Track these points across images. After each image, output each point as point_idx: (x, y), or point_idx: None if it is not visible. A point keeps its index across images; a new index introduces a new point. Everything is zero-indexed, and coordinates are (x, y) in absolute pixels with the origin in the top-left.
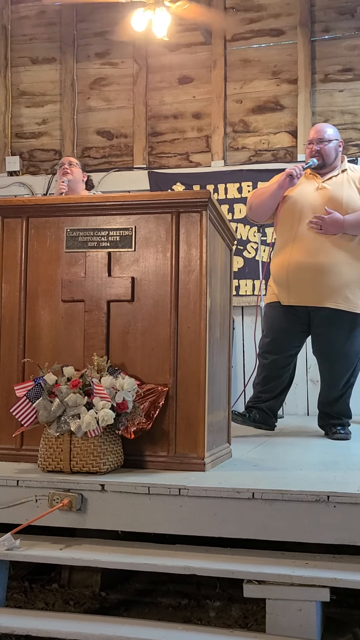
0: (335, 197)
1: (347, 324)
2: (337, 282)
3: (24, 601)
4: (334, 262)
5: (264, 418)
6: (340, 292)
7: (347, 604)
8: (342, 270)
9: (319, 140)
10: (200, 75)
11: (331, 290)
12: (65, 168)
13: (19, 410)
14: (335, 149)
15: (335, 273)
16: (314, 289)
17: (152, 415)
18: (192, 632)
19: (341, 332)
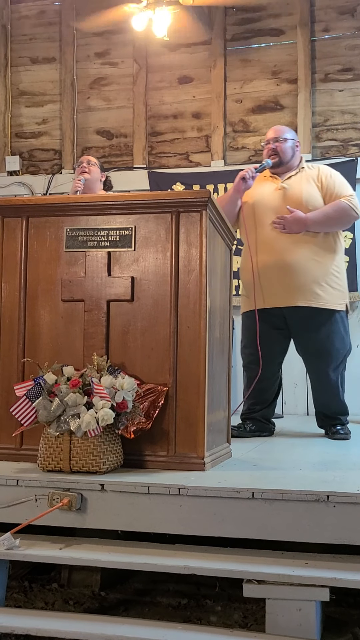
0: (295, 196)
1: (322, 321)
2: (305, 280)
3: (24, 601)
4: (300, 259)
5: (260, 427)
6: (310, 289)
7: (347, 604)
8: (309, 266)
9: (275, 139)
10: (200, 75)
11: (300, 288)
12: (83, 167)
13: (18, 409)
14: (292, 148)
15: (302, 270)
16: (283, 289)
17: (151, 415)
18: (191, 631)
19: (319, 330)
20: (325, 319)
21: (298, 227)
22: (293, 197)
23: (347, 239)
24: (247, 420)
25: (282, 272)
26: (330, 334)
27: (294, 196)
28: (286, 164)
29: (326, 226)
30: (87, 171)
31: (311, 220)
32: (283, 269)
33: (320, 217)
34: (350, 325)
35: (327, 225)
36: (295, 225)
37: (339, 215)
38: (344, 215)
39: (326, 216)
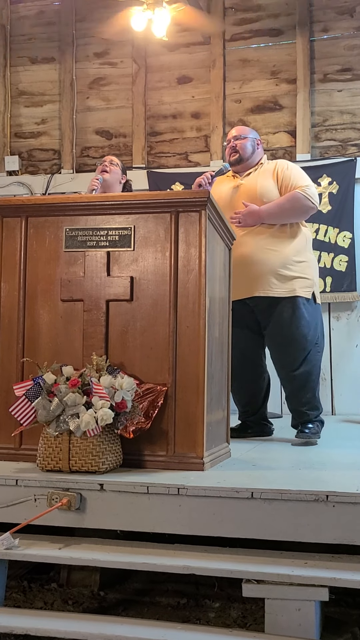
0: (250, 190)
1: (285, 309)
2: (262, 270)
3: (23, 600)
4: (255, 250)
5: (260, 429)
6: (266, 279)
7: (346, 604)
8: (264, 257)
9: (235, 137)
10: (199, 75)
11: (257, 279)
12: (105, 165)
13: (18, 409)
14: (252, 145)
15: (257, 261)
16: (243, 281)
17: (151, 415)
18: (191, 631)
19: (281, 318)
20: (288, 306)
21: (252, 220)
22: (248, 192)
23: (347, 238)
24: (246, 423)
25: (241, 265)
26: (294, 322)
27: (249, 191)
28: (246, 161)
29: (281, 217)
30: (107, 170)
31: (264, 212)
32: (241, 261)
33: (274, 209)
34: (350, 325)
35: (282, 216)
36: (249, 219)
37: (292, 206)
38: (298, 205)
39: (279, 207)
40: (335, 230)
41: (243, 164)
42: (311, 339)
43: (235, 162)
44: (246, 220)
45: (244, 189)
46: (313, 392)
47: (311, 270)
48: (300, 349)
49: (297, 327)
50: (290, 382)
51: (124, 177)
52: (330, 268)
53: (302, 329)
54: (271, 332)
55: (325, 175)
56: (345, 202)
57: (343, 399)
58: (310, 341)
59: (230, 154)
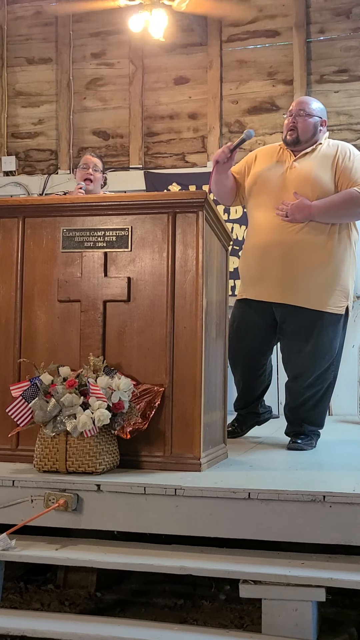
0: (304, 178)
1: (311, 323)
2: (302, 277)
3: (20, 602)
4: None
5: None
6: (304, 287)
7: (343, 604)
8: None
9: (300, 111)
10: (196, 76)
11: (294, 285)
12: (88, 173)
13: (14, 410)
14: (315, 125)
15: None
16: (276, 284)
17: (148, 416)
18: (187, 632)
19: (305, 330)
20: (315, 321)
21: (302, 216)
22: (302, 180)
23: None
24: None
25: (279, 263)
26: (317, 337)
27: (303, 178)
28: (305, 143)
29: (333, 217)
30: (91, 179)
31: (316, 209)
32: (280, 260)
33: (327, 207)
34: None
35: (334, 216)
36: (298, 214)
37: (348, 206)
38: (354, 205)
39: (333, 205)
40: None
41: (300, 145)
42: (328, 358)
43: (291, 142)
44: (294, 215)
45: (297, 175)
46: (316, 410)
47: (351, 281)
48: (316, 367)
49: (318, 344)
50: (296, 394)
51: (104, 177)
52: None
53: (322, 347)
54: (290, 339)
55: None
56: None
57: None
58: (326, 360)
59: (288, 131)
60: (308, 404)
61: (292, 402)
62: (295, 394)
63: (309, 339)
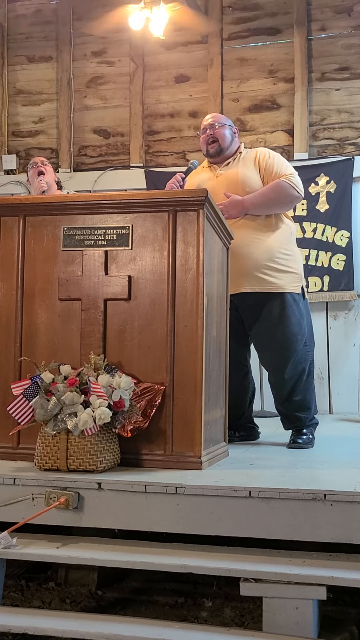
0: (231, 180)
1: (273, 306)
2: (247, 264)
3: (21, 599)
4: (239, 243)
5: (247, 432)
6: (252, 274)
7: (344, 602)
8: (250, 250)
9: (212, 125)
10: (197, 74)
11: (243, 274)
12: (39, 167)
13: (15, 408)
14: (231, 133)
15: (242, 255)
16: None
17: (148, 414)
18: (188, 630)
19: (270, 316)
20: (276, 303)
21: (236, 210)
22: (229, 182)
23: (344, 237)
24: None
25: None
26: (284, 320)
27: (230, 180)
28: (226, 151)
29: (265, 207)
30: (43, 172)
31: (248, 202)
32: None
33: (258, 198)
34: (347, 324)
35: (266, 206)
36: (232, 209)
37: (277, 195)
38: (283, 194)
39: (264, 196)
40: (332, 229)
41: (223, 154)
42: (300, 337)
43: (215, 153)
44: (229, 211)
45: (224, 178)
46: (304, 394)
47: (298, 263)
48: (290, 350)
49: (286, 325)
50: (280, 385)
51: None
52: (328, 267)
53: (291, 328)
54: (258, 331)
55: (323, 174)
56: (343, 201)
57: (340, 398)
58: (299, 340)
59: (208, 144)
60: (296, 390)
61: (280, 394)
62: (281, 385)
63: (277, 322)
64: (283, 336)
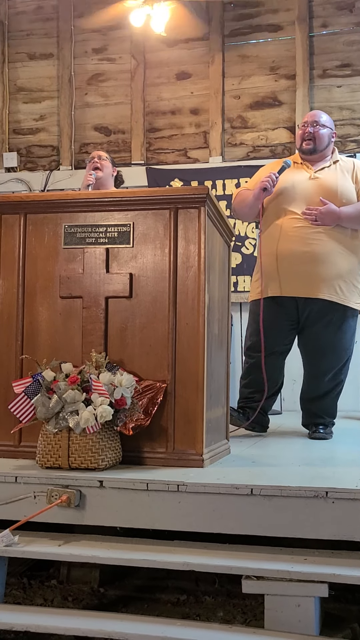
0: (330, 188)
1: (337, 317)
2: (331, 273)
3: (23, 597)
4: (328, 251)
5: (258, 418)
6: (333, 283)
7: (346, 600)
8: (336, 260)
9: (314, 122)
10: (198, 71)
11: (324, 281)
12: (95, 162)
13: (17, 406)
14: (329, 136)
15: (328, 263)
16: (306, 280)
17: (150, 412)
18: (191, 627)
19: (331, 325)
20: (340, 315)
21: (331, 220)
22: (327, 189)
23: None
24: (245, 409)
25: (308, 262)
26: (340, 332)
27: (328, 188)
28: (320, 152)
29: (357, 222)
30: (99, 167)
31: (345, 215)
32: (310, 259)
33: (354, 213)
34: None
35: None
36: (328, 218)
37: None
38: None
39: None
40: None
41: (315, 154)
42: (349, 351)
43: (308, 151)
44: (324, 219)
45: (321, 184)
46: (334, 401)
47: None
48: (338, 360)
49: (341, 338)
50: (317, 387)
51: (114, 169)
52: None
53: (345, 342)
54: (313, 336)
55: None
56: None
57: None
58: (347, 353)
59: (304, 141)
60: (329, 396)
61: (313, 394)
62: (318, 387)
63: (336, 333)
64: (335, 346)
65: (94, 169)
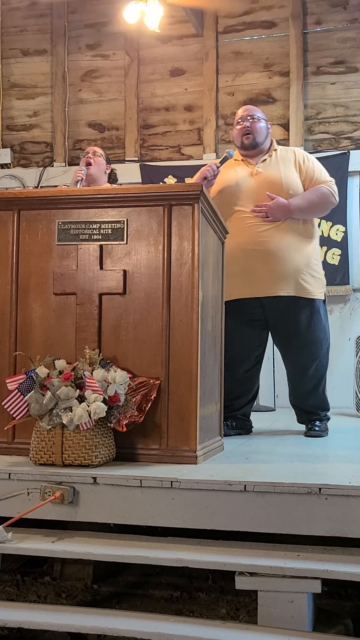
0: (274, 181)
1: (304, 311)
2: (289, 268)
3: (16, 594)
4: (283, 247)
5: (240, 424)
6: (293, 278)
7: (339, 596)
8: (292, 255)
9: (249, 117)
10: (192, 68)
11: (284, 278)
12: (88, 157)
13: (10, 403)
14: (266, 129)
15: (285, 259)
16: (265, 278)
17: (144, 408)
18: (184, 624)
19: (300, 320)
20: (308, 309)
21: (282, 213)
22: (271, 183)
23: (340, 232)
24: (228, 418)
25: (265, 260)
26: (312, 325)
27: (272, 181)
28: (261, 145)
29: (309, 212)
30: (91, 162)
31: (295, 207)
32: (266, 257)
33: (304, 204)
34: (343, 319)
35: (310, 212)
36: (278, 212)
37: (321, 202)
38: (326, 201)
39: (309, 202)
40: (328, 223)
41: (257, 148)
42: (325, 342)
43: (250, 146)
44: (275, 214)
45: (265, 178)
46: (322, 393)
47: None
48: (315, 353)
49: (314, 330)
50: (302, 384)
51: (108, 166)
52: (323, 262)
53: (318, 333)
54: (285, 333)
55: None
56: None
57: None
58: (324, 345)
59: (243, 136)
60: (317, 389)
61: (300, 392)
62: (302, 383)
63: (309, 327)
64: (311, 340)
65: (87, 164)
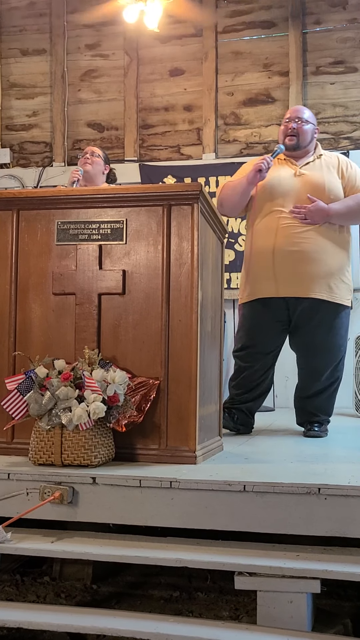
0: (317, 184)
1: (329, 316)
2: (321, 271)
3: (16, 594)
4: (318, 250)
5: (244, 419)
6: (324, 282)
7: (338, 596)
8: (326, 258)
9: (297, 119)
10: (192, 68)
11: (315, 280)
12: (86, 157)
13: (9, 403)
14: (312, 132)
15: (319, 261)
16: (297, 279)
17: (143, 409)
18: (183, 624)
19: (323, 324)
20: (332, 313)
21: (320, 217)
22: (314, 185)
23: None
24: (231, 410)
25: (298, 262)
26: (333, 330)
27: (315, 184)
28: (303, 148)
29: (347, 219)
30: (89, 162)
31: (334, 212)
32: (300, 258)
33: (343, 210)
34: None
35: (348, 218)
36: (317, 216)
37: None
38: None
39: (348, 209)
40: None
41: (299, 150)
42: (344, 349)
43: (291, 147)
44: (313, 217)
45: (308, 180)
46: (331, 399)
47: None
48: (333, 358)
49: (334, 335)
50: (314, 385)
51: (107, 167)
52: None
53: (339, 339)
54: (306, 335)
55: None
56: None
57: None
58: (342, 351)
59: (287, 136)
60: (325, 393)
61: (307, 393)
62: (312, 386)
63: (330, 331)
64: (330, 345)
65: (84, 164)
